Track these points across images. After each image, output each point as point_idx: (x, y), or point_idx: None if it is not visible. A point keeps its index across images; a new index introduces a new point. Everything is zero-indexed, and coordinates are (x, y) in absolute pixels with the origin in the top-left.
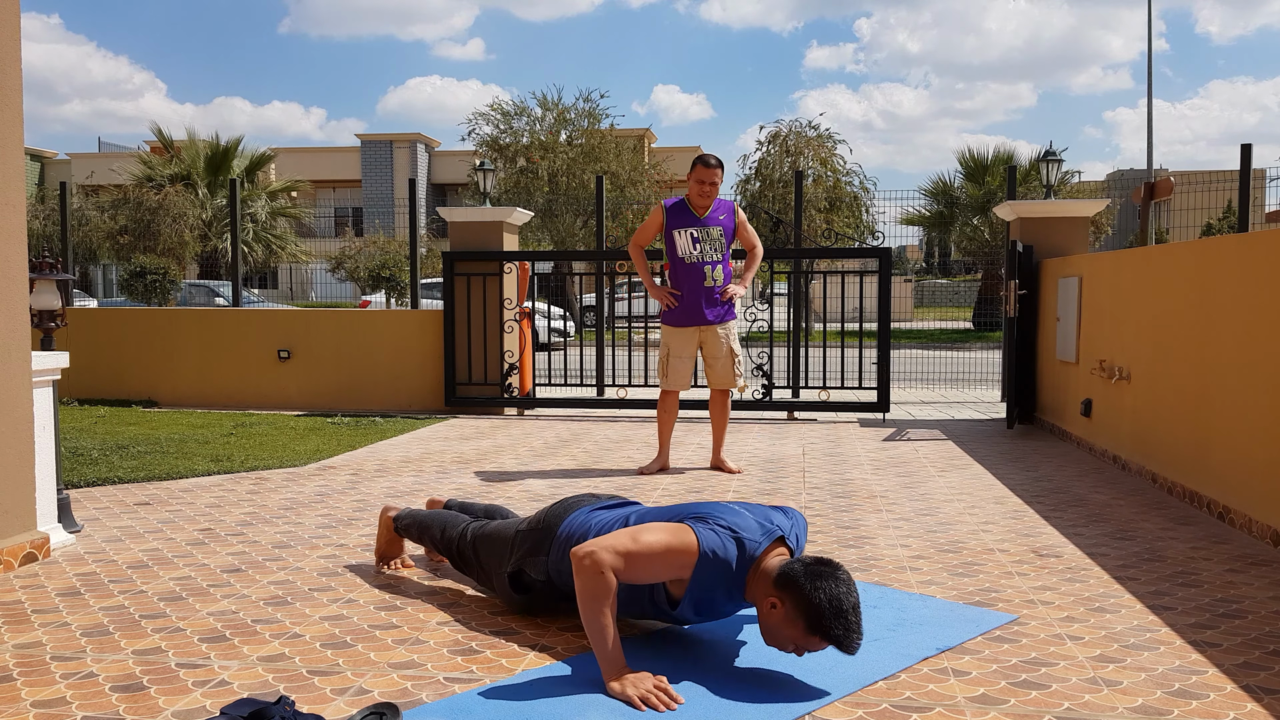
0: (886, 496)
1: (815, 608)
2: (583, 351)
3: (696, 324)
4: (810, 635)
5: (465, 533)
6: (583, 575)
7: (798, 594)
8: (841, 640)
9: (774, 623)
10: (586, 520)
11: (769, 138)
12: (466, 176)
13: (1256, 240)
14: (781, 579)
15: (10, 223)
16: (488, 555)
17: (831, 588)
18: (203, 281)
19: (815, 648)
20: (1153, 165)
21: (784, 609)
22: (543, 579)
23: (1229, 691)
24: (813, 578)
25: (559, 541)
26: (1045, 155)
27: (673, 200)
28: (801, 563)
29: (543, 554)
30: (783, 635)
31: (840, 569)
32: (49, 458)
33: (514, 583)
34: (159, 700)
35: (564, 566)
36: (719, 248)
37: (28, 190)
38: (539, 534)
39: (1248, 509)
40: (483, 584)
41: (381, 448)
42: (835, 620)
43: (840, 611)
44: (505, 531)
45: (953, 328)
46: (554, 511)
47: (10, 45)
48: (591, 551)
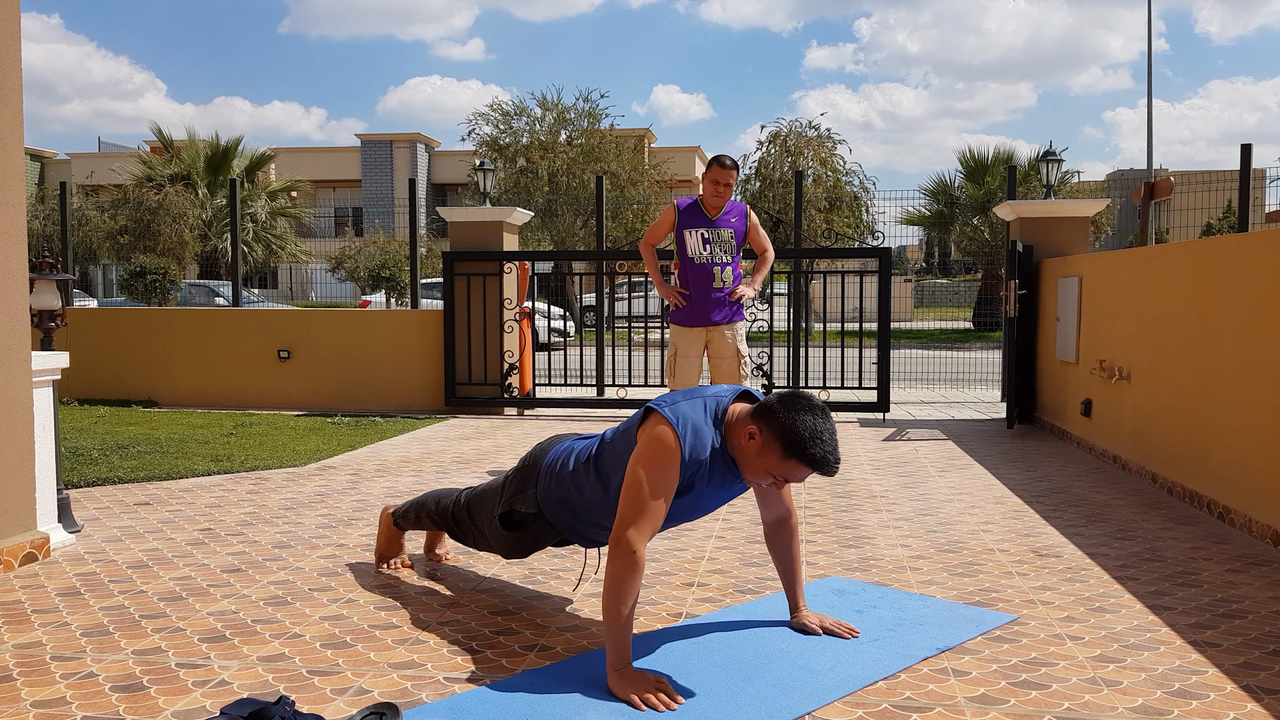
0: (886, 496)
1: (791, 431)
2: (583, 351)
3: (704, 324)
4: (787, 460)
5: (459, 498)
6: (619, 560)
7: (773, 420)
8: (818, 460)
9: (751, 453)
10: (570, 447)
11: (769, 137)
12: (466, 176)
13: (1256, 240)
14: (759, 409)
15: (10, 222)
16: (480, 511)
17: (806, 412)
18: (203, 281)
19: (794, 474)
20: (1153, 165)
21: (761, 438)
22: (533, 511)
23: (1229, 691)
24: (788, 404)
25: (545, 471)
26: (1045, 155)
27: (686, 200)
28: (776, 394)
29: (530, 487)
30: (759, 465)
31: (815, 398)
32: (49, 458)
33: (504, 523)
34: (159, 700)
35: (552, 493)
36: (729, 249)
37: (28, 190)
38: (526, 471)
39: (1248, 509)
40: (479, 545)
41: (381, 448)
42: (812, 441)
43: (816, 432)
44: (494, 484)
45: (953, 328)
46: (539, 448)
47: (10, 45)
48: (620, 536)
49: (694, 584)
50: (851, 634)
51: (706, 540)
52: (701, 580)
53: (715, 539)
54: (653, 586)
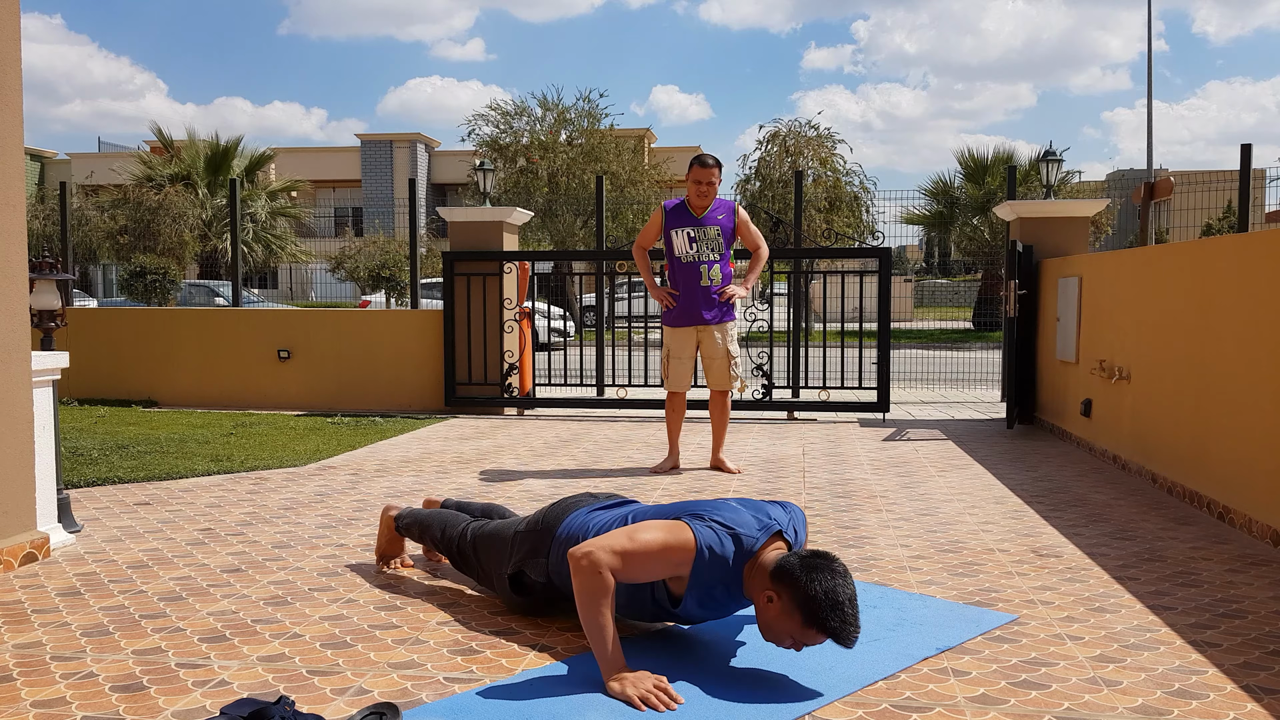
0: (886, 496)
1: (811, 600)
2: (583, 351)
3: (694, 324)
4: (807, 628)
5: (465, 532)
6: (580, 575)
7: (794, 586)
8: (838, 632)
9: (771, 616)
10: (585, 521)
11: (769, 137)
12: (466, 176)
13: (1256, 240)
14: (778, 572)
15: (10, 223)
16: (487, 556)
17: (827, 580)
18: (203, 281)
19: (813, 641)
20: (1152, 165)
21: (780, 602)
22: (543, 580)
23: (1229, 691)
24: (809, 570)
25: (558, 542)
26: (1045, 155)
27: (673, 201)
28: (798, 555)
29: (542, 555)
30: (780, 629)
31: (836, 561)
32: (49, 458)
33: (514, 584)
34: (159, 700)
35: (563, 568)
36: (716, 247)
37: (28, 190)
38: (538, 535)
39: (1248, 509)
40: (482, 584)
41: (381, 448)
42: (831, 612)
43: (836, 604)
44: (504, 532)
45: (953, 328)
46: (552, 512)
47: (10, 46)
48: (589, 552)
49: None
50: None
51: None
52: None
53: None
54: None
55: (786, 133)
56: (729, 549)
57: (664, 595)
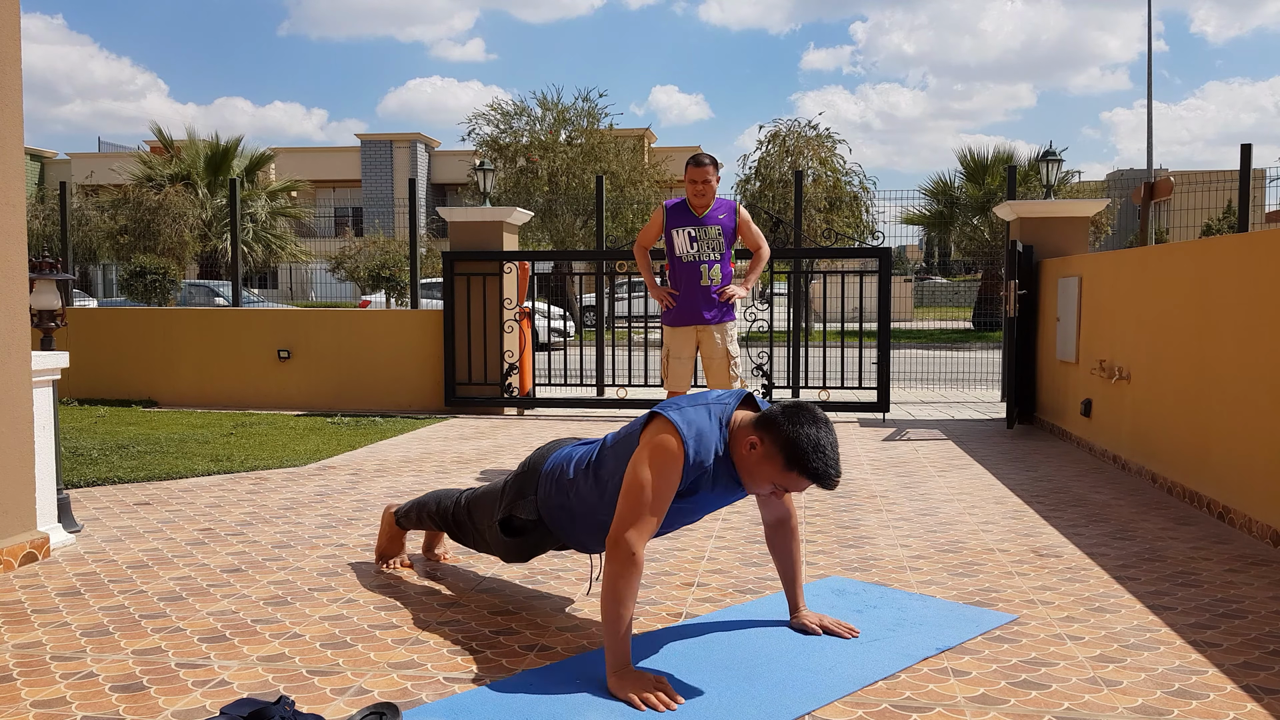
0: (886, 496)
1: (792, 442)
2: (583, 351)
3: (693, 324)
4: (788, 471)
5: (459, 499)
6: (616, 563)
7: (775, 430)
8: (819, 473)
9: (752, 463)
10: (569, 454)
11: (768, 137)
12: (466, 176)
13: (1256, 240)
14: (761, 419)
15: (10, 223)
16: (480, 513)
17: (809, 424)
18: (203, 281)
19: (794, 485)
20: (1152, 165)
21: (762, 447)
22: (533, 518)
23: (1229, 691)
24: (790, 415)
25: (545, 477)
26: (1045, 155)
27: (674, 201)
28: (779, 405)
29: (530, 493)
30: (761, 474)
31: (818, 410)
32: (49, 458)
33: (505, 528)
34: (159, 700)
35: (552, 501)
36: (717, 247)
37: (28, 190)
38: (525, 477)
39: (1248, 509)
40: (479, 547)
41: (381, 448)
42: (813, 453)
43: (818, 445)
44: (494, 488)
45: (953, 328)
46: (537, 455)
47: (10, 45)
48: (618, 537)
49: (694, 584)
50: (851, 634)
51: (706, 540)
52: (701, 580)
53: (715, 539)
54: (653, 586)
55: (786, 133)
56: (704, 420)
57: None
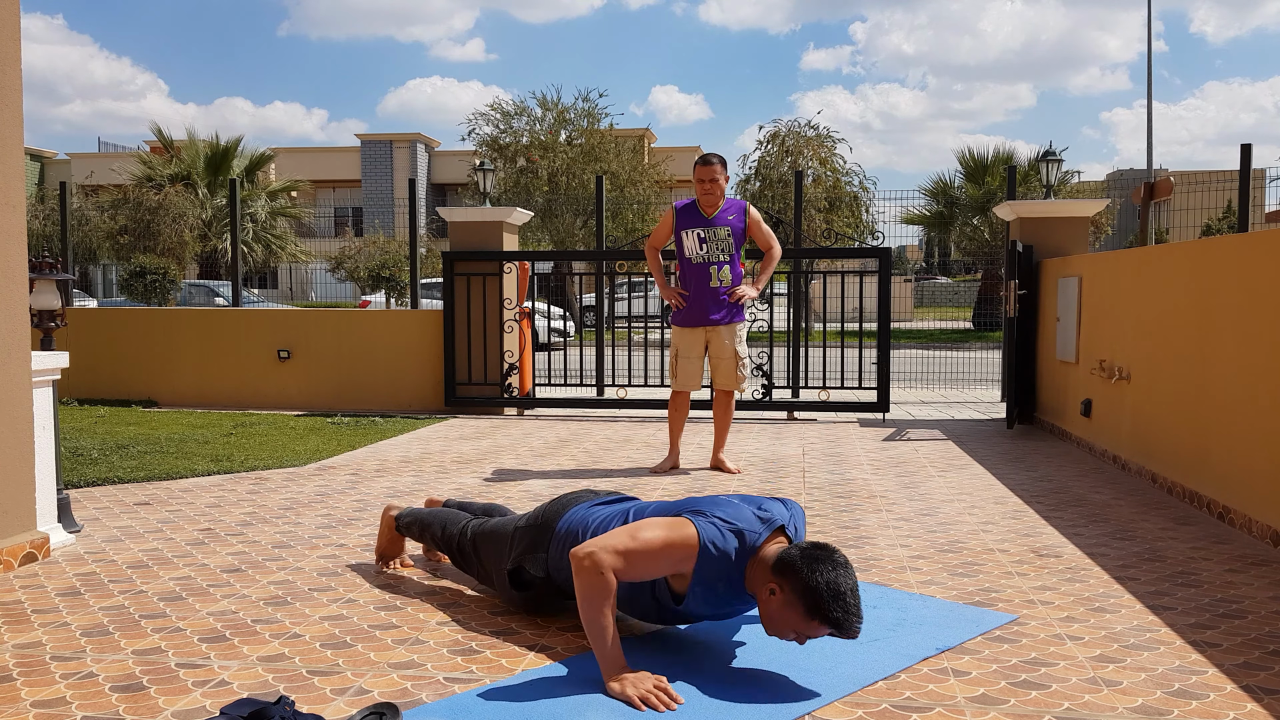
0: (886, 496)
1: (813, 591)
2: (583, 351)
3: (702, 324)
4: (809, 619)
5: (465, 530)
6: (583, 575)
7: (795, 578)
8: (840, 623)
9: (773, 609)
10: (585, 516)
11: (768, 137)
12: (466, 176)
13: (1256, 240)
14: (779, 565)
15: (10, 223)
16: (487, 553)
17: (829, 571)
18: (203, 281)
19: (816, 633)
20: (1152, 165)
21: (782, 595)
22: (542, 575)
23: (1229, 691)
24: (810, 562)
25: (558, 538)
26: (1045, 155)
27: (684, 201)
28: (799, 548)
29: (541, 550)
30: (782, 621)
31: (837, 553)
32: (49, 458)
33: (514, 580)
34: (159, 700)
35: (563, 563)
36: (726, 248)
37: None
38: (537, 530)
39: (1248, 509)
40: (483, 581)
41: (381, 448)
42: (833, 603)
43: (838, 594)
44: (504, 529)
45: (953, 328)
46: (552, 508)
47: (10, 45)
48: (591, 552)
49: None
50: None
51: None
52: None
53: None
54: None
55: (786, 133)
56: (731, 544)
57: (666, 593)
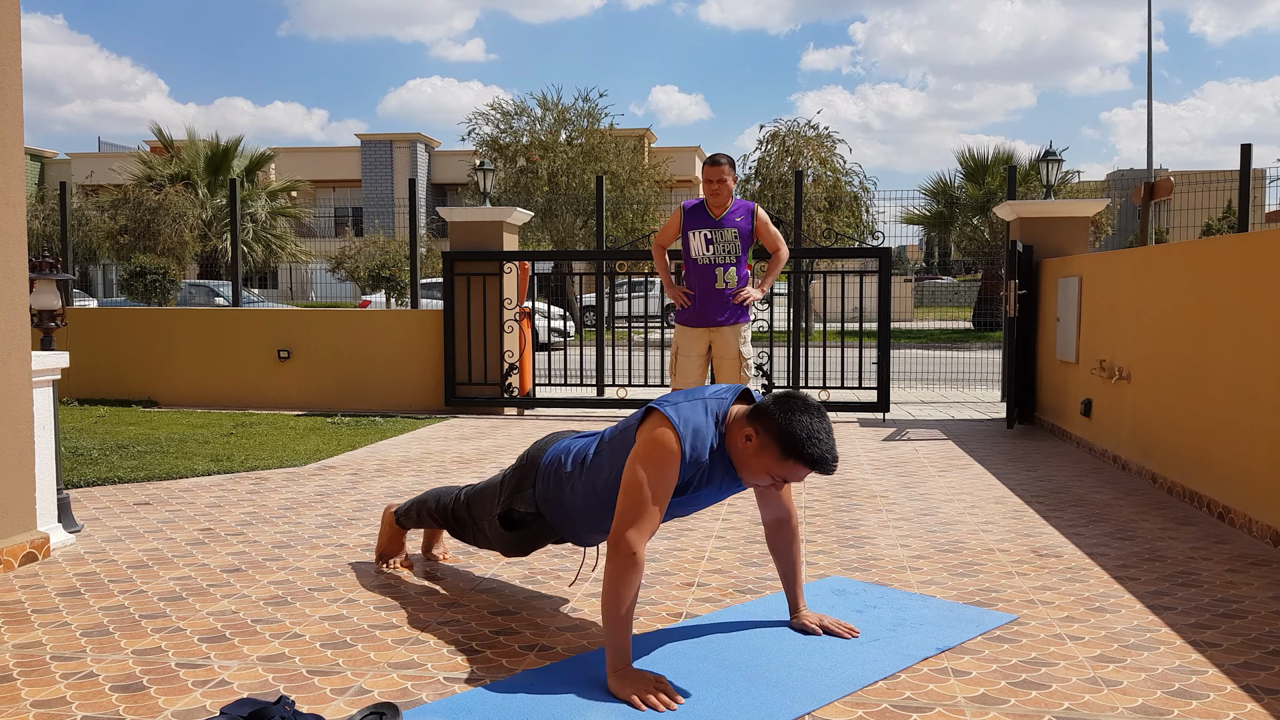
0: (886, 496)
1: (787, 431)
2: (583, 351)
3: (706, 324)
4: (785, 459)
5: (459, 496)
6: (619, 560)
7: (769, 421)
8: (816, 460)
9: (749, 454)
10: (567, 446)
11: (768, 137)
12: (466, 176)
13: (1256, 240)
14: (754, 411)
15: (10, 223)
16: (479, 508)
17: (802, 413)
18: (203, 281)
19: (792, 475)
20: (1152, 165)
21: (758, 439)
22: (532, 510)
23: (1229, 691)
24: (784, 404)
25: (543, 471)
26: (1045, 155)
27: (692, 202)
28: (772, 395)
29: (529, 487)
30: (757, 465)
31: (810, 398)
32: (49, 458)
33: (504, 522)
34: (159, 700)
35: (549, 494)
36: (733, 250)
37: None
38: (523, 470)
39: (1248, 509)
40: (479, 543)
41: (381, 448)
42: (808, 440)
43: (812, 432)
44: (493, 482)
45: (953, 328)
46: (536, 446)
47: (10, 45)
48: (618, 538)
49: (694, 584)
50: (851, 634)
51: (706, 540)
52: (701, 580)
53: (715, 539)
54: (653, 586)
55: (786, 133)
56: (700, 416)
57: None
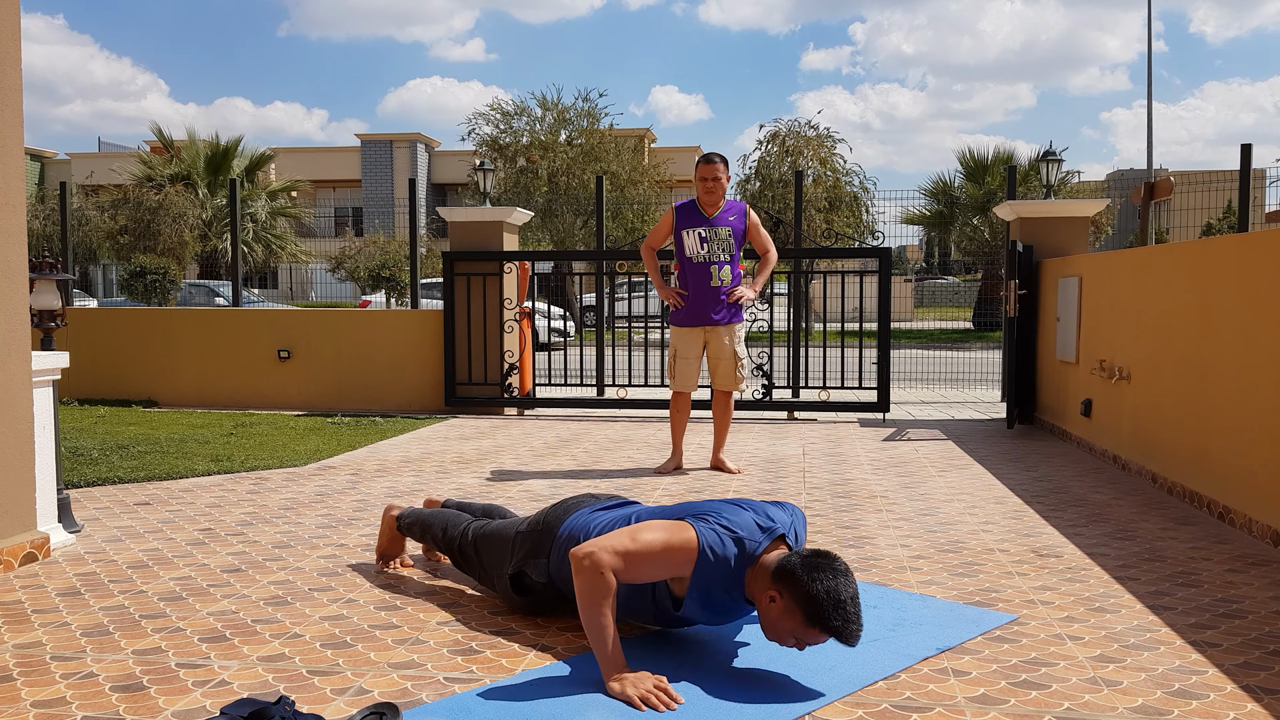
0: (886, 496)
1: (813, 599)
2: (583, 351)
3: (702, 324)
4: (809, 627)
5: (467, 532)
6: (582, 575)
7: (795, 586)
8: (840, 631)
9: (773, 616)
10: (587, 521)
11: (768, 137)
12: (466, 176)
13: (1256, 240)
14: (779, 572)
15: (10, 223)
16: (489, 555)
17: (829, 579)
18: (203, 281)
19: (815, 640)
20: (1152, 165)
21: (782, 602)
22: (544, 580)
23: (1229, 691)
24: (810, 570)
25: (559, 543)
26: (1045, 155)
27: (683, 201)
28: (799, 555)
29: (543, 555)
30: (782, 628)
31: (837, 560)
32: (49, 458)
33: (515, 584)
34: (159, 700)
35: (564, 568)
36: (727, 249)
37: (28, 190)
38: (539, 535)
39: (1248, 509)
40: (483, 583)
41: (381, 448)
42: (833, 611)
43: (838, 602)
44: (505, 532)
45: (953, 328)
46: (554, 513)
47: (10, 45)
48: (591, 552)
49: None
50: None
51: None
52: None
53: None
54: None
55: (786, 133)
56: (730, 551)
57: (665, 596)
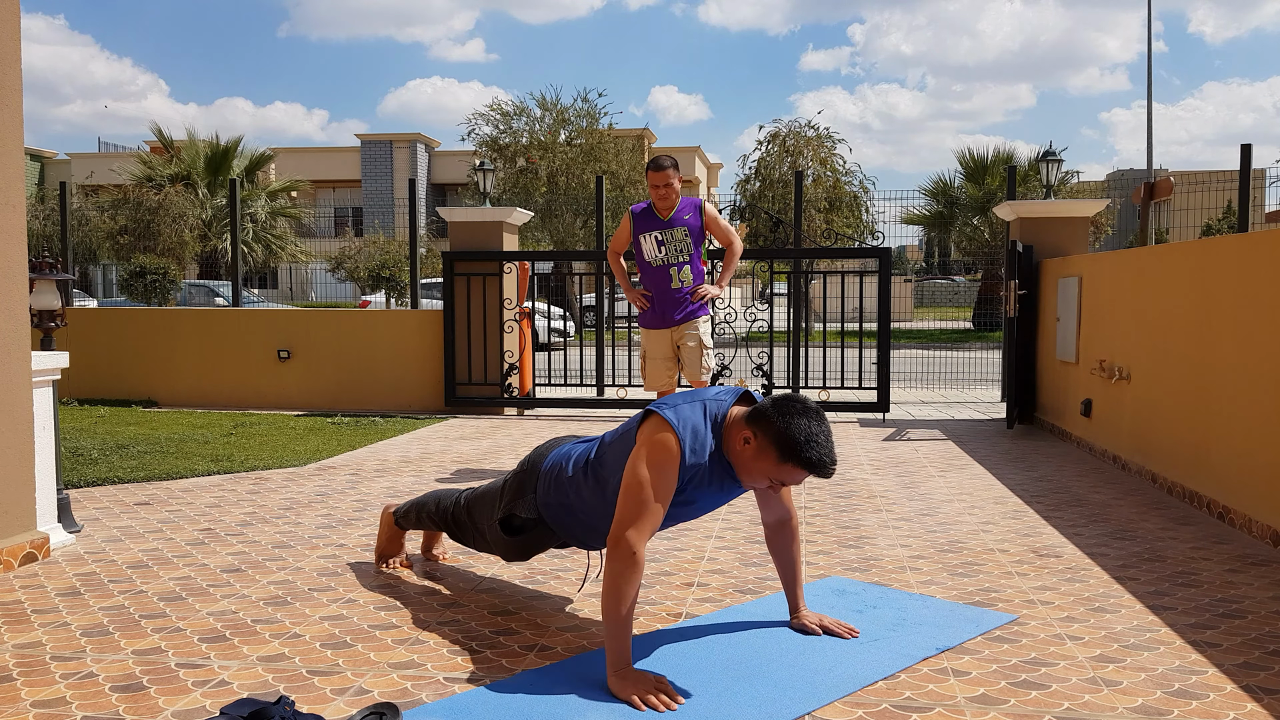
0: (886, 496)
1: (785, 434)
2: (583, 351)
3: (666, 325)
4: (783, 463)
5: (459, 499)
6: (618, 561)
7: (767, 424)
8: (814, 463)
9: (747, 458)
10: (569, 451)
11: (768, 138)
12: (466, 176)
13: (1256, 240)
14: (752, 414)
15: (10, 223)
16: (480, 513)
17: (800, 416)
18: (203, 281)
19: (790, 478)
20: (1152, 165)
21: (756, 442)
22: (533, 516)
23: (1229, 691)
24: (782, 409)
25: (544, 476)
26: (1045, 155)
27: (640, 205)
28: (771, 399)
29: (530, 492)
30: (757, 469)
31: (809, 401)
32: (49, 458)
33: (505, 527)
34: (159, 700)
35: (551, 498)
36: (685, 249)
37: (28, 190)
38: (525, 475)
39: (1248, 509)
40: (479, 546)
41: (381, 448)
42: (807, 445)
43: (811, 436)
44: (494, 487)
45: (953, 328)
46: (537, 452)
47: (10, 45)
48: (618, 537)
49: (694, 584)
50: (851, 634)
51: (706, 540)
52: (701, 580)
53: (715, 539)
54: (653, 586)
55: (786, 133)
56: (699, 418)
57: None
